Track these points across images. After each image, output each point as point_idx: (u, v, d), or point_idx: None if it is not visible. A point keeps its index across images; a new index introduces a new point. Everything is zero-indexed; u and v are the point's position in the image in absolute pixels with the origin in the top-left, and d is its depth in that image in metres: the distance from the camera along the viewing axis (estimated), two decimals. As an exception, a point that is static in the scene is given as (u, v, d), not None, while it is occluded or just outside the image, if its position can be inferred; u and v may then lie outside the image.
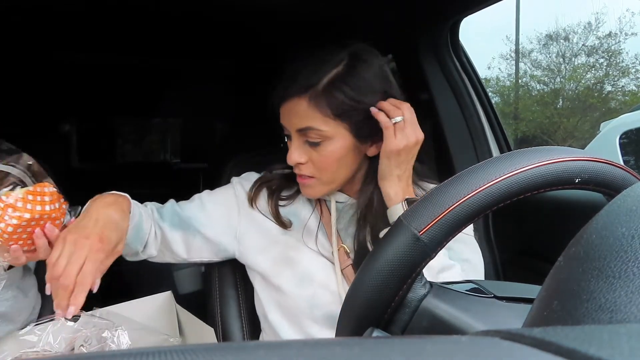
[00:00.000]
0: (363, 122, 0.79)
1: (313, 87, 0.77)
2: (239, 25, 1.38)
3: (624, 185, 0.39)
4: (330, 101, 0.77)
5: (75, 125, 2.58)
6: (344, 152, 0.80)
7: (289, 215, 0.90)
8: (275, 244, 0.88)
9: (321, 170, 0.82)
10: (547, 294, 0.25)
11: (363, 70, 0.78)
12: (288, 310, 0.86)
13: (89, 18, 1.28)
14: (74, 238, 0.68)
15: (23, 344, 0.76)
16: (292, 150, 0.82)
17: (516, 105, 12.95)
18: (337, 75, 0.77)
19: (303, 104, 0.78)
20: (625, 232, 0.23)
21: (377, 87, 0.79)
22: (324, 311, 0.83)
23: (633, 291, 0.21)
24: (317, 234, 0.87)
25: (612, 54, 11.90)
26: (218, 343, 0.85)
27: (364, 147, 0.83)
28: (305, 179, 0.84)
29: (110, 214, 0.73)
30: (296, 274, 0.85)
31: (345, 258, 0.86)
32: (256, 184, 0.92)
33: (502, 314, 0.43)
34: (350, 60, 0.79)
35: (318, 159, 0.81)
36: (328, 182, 0.83)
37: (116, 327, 0.76)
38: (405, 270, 0.40)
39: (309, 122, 0.78)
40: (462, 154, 1.24)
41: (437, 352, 0.19)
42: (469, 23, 1.28)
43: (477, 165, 0.41)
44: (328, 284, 0.83)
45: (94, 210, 0.73)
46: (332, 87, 0.77)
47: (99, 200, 0.76)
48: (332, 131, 0.79)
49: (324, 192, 0.86)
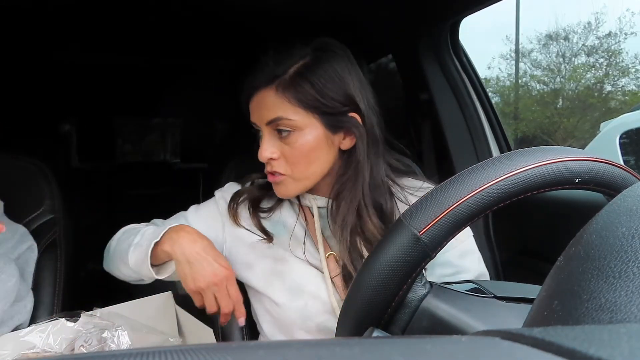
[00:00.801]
0: (332, 112, 0.77)
1: (279, 77, 0.76)
2: (239, 25, 1.38)
3: (624, 185, 0.39)
4: (298, 91, 0.76)
5: (75, 125, 2.58)
6: (316, 144, 0.78)
7: (274, 225, 0.88)
8: (263, 258, 0.86)
9: (293, 166, 0.79)
10: (547, 294, 0.25)
11: (329, 62, 0.77)
12: (281, 322, 0.84)
13: (89, 18, 1.28)
14: (206, 285, 0.76)
15: (23, 344, 0.76)
16: (263, 146, 0.79)
17: (516, 105, 12.95)
18: (304, 65, 0.77)
19: (271, 94, 0.77)
20: (625, 232, 0.23)
21: (344, 79, 0.78)
22: (316, 322, 0.81)
23: (633, 291, 0.21)
24: (304, 243, 0.85)
25: (612, 53, 11.90)
26: (218, 343, 0.85)
27: (337, 138, 0.80)
28: (277, 177, 0.81)
29: (200, 245, 0.78)
30: (286, 286, 0.82)
31: (335, 266, 0.83)
32: (235, 199, 0.89)
33: (502, 314, 0.43)
34: (317, 52, 0.78)
35: (290, 152, 0.78)
36: (301, 178, 0.80)
37: (116, 327, 0.76)
38: (405, 270, 0.40)
39: (278, 112, 0.77)
40: (462, 154, 1.24)
41: (437, 352, 0.19)
42: (469, 23, 1.28)
43: (477, 165, 0.41)
44: (319, 294, 0.81)
45: (194, 254, 0.77)
46: (298, 77, 0.76)
47: (182, 245, 0.77)
48: (302, 121, 0.77)
49: (298, 190, 0.83)
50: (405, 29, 1.29)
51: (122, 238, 0.88)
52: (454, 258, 0.82)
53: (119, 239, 0.89)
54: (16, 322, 0.87)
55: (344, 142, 0.81)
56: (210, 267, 0.76)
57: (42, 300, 1.00)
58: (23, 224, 1.02)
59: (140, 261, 0.80)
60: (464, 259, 0.82)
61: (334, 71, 0.77)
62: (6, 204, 0.99)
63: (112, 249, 0.89)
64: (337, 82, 0.77)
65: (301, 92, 0.76)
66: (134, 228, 0.90)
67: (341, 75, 0.78)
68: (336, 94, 0.77)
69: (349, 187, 0.80)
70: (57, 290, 1.02)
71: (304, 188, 0.83)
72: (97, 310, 0.83)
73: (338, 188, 0.81)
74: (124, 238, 0.87)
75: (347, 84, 0.78)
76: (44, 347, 0.76)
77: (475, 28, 6.62)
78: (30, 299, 0.92)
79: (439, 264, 0.82)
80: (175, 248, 0.77)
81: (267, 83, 0.77)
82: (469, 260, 0.83)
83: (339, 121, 0.78)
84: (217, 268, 0.76)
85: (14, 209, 1.01)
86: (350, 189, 0.80)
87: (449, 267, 0.82)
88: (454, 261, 0.82)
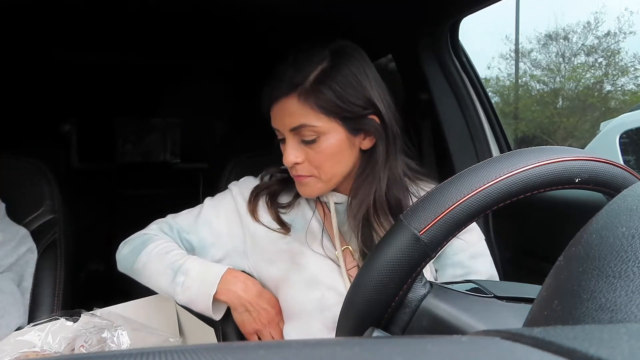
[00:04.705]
0: (353, 117, 0.79)
1: (301, 85, 0.78)
2: (239, 25, 1.38)
3: (624, 185, 0.39)
4: (319, 97, 0.77)
5: (75, 125, 2.58)
6: (339, 146, 0.80)
7: (292, 220, 0.90)
8: (282, 253, 0.88)
9: (318, 168, 0.82)
10: (547, 294, 0.25)
11: (347, 66, 0.79)
12: (297, 314, 0.85)
13: (89, 18, 1.28)
14: (258, 328, 0.86)
15: (23, 344, 0.76)
16: (288, 151, 0.81)
17: (516, 105, 12.94)
18: (323, 71, 0.78)
19: (293, 102, 0.78)
20: (625, 231, 0.23)
21: (362, 82, 0.79)
22: (333, 312, 0.82)
23: (633, 291, 0.21)
24: (322, 237, 0.87)
25: (611, 53, 11.90)
26: (218, 343, 0.85)
27: (358, 140, 0.83)
28: (303, 177, 0.83)
29: (254, 292, 0.86)
30: (304, 278, 0.84)
31: (351, 259, 0.86)
32: (254, 194, 0.91)
33: (502, 314, 0.43)
34: (334, 57, 0.79)
35: (314, 156, 0.81)
36: (326, 179, 0.83)
37: (116, 327, 0.76)
38: (405, 270, 0.40)
39: (302, 119, 0.78)
40: (462, 154, 1.24)
41: (437, 352, 0.19)
42: (469, 23, 1.28)
43: (477, 165, 0.41)
44: (336, 286, 0.83)
45: (251, 301, 0.85)
46: (319, 84, 0.77)
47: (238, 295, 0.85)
48: (325, 126, 0.79)
49: (323, 190, 0.85)
50: (405, 29, 1.29)
51: (153, 254, 0.86)
52: (465, 259, 0.85)
53: (148, 259, 0.86)
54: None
55: (364, 142, 0.84)
56: (265, 312, 0.85)
57: (42, 300, 1.00)
58: (23, 224, 1.02)
59: (195, 305, 0.84)
60: (475, 260, 0.86)
61: (353, 76, 0.79)
62: (6, 204, 0.99)
63: (141, 267, 0.86)
64: (355, 87, 0.79)
65: (322, 99, 0.78)
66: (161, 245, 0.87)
67: (359, 79, 0.79)
68: (356, 99, 0.79)
69: (368, 185, 0.83)
70: (57, 290, 1.02)
71: (328, 188, 0.86)
72: (97, 310, 0.83)
73: (357, 185, 0.84)
74: (156, 260, 0.85)
75: (365, 87, 0.80)
76: (43, 347, 0.76)
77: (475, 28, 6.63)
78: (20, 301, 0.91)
79: (450, 265, 0.85)
80: (233, 299, 0.84)
81: (289, 91, 0.79)
82: (480, 262, 0.87)
83: (360, 124, 0.81)
84: (270, 311, 0.86)
85: (14, 209, 1.01)
86: (369, 186, 0.83)
87: (460, 268, 0.85)
88: (466, 262, 0.85)
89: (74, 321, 0.80)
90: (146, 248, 0.87)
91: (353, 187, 0.85)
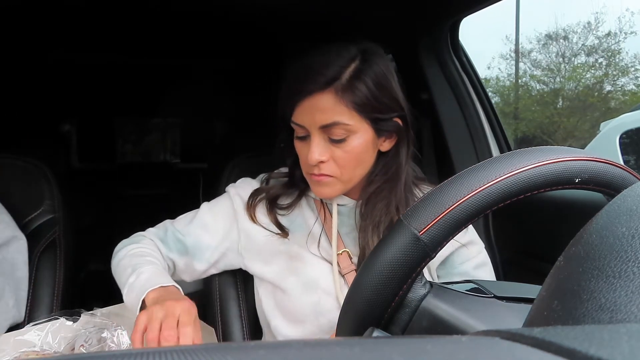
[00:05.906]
0: (382, 118, 0.78)
1: (337, 80, 0.74)
2: (239, 25, 1.38)
3: (624, 185, 0.39)
4: (355, 94, 0.75)
5: (75, 125, 2.58)
6: (365, 147, 0.78)
7: (291, 222, 0.88)
8: (278, 254, 0.87)
9: (342, 168, 0.79)
10: (547, 294, 0.25)
11: (378, 64, 0.77)
12: (293, 317, 0.85)
13: (89, 18, 1.28)
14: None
15: (22, 343, 0.76)
16: (313, 149, 0.77)
17: (516, 105, 12.94)
18: (357, 68, 0.76)
19: (329, 98, 0.75)
20: (625, 231, 0.23)
21: (390, 82, 0.78)
22: (329, 318, 0.82)
23: (633, 291, 0.21)
24: (319, 239, 0.86)
25: (611, 53, 11.90)
26: (218, 343, 0.85)
27: (380, 141, 0.81)
28: (325, 178, 0.80)
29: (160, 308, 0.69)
30: (301, 281, 0.84)
31: (349, 263, 0.84)
32: (253, 198, 0.89)
33: (502, 314, 0.43)
34: (365, 55, 0.77)
35: (341, 155, 0.78)
36: (346, 180, 0.80)
37: (116, 327, 0.76)
38: (405, 270, 0.40)
39: (336, 116, 0.75)
40: (462, 154, 1.24)
41: (437, 352, 0.19)
42: (469, 23, 1.28)
43: (477, 165, 0.41)
44: (332, 290, 0.82)
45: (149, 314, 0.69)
46: (355, 79, 0.75)
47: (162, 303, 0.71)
48: (357, 126, 0.76)
49: (340, 191, 0.83)
50: (405, 28, 1.29)
51: (125, 258, 0.85)
52: (470, 269, 0.87)
53: (124, 256, 0.85)
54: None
55: (384, 144, 0.82)
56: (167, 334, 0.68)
57: (41, 300, 1.00)
58: (23, 224, 1.01)
59: (130, 305, 0.77)
60: (479, 270, 0.88)
61: (382, 75, 0.77)
62: (6, 204, 0.99)
63: (116, 264, 0.86)
64: (385, 87, 0.77)
65: (358, 96, 0.75)
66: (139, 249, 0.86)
67: (388, 79, 0.78)
68: (386, 98, 0.78)
69: (388, 188, 0.82)
70: (57, 290, 1.02)
71: (345, 190, 0.83)
72: (97, 310, 0.83)
73: (375, 189, 0.82)
74: (126, 260, 0.84)
75: (393, 88, 0.79)
76: (43, 346, 0.76)
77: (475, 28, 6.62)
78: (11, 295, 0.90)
79: (457, 274, 0.87)
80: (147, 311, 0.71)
81: (325, 85, 0.75)
82: (483, 271, 0.89)
83: (386, 125, 0.79)
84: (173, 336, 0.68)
85: (14, 209, 1.01)
86: (390, 189, 0.82)
87: (466, 278, 0.85)
88: (471, 272, 0.87)
89: (73, 321, 0.80)
90: (127, 247, 0.87)
91: (367, 189, 0.83)
